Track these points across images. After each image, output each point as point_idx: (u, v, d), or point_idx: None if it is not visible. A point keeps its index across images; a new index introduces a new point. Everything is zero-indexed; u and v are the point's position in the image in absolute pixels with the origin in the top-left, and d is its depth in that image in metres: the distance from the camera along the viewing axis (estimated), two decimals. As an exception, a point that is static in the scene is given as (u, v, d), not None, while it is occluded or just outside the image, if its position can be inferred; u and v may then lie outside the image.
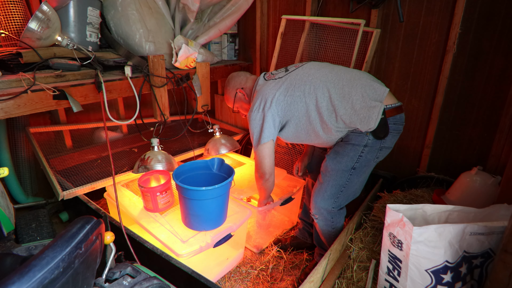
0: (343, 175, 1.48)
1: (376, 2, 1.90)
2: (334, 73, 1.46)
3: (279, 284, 1.74)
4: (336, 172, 1.49)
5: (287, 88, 1.47)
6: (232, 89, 1.74)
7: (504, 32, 1.64)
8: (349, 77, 1.43)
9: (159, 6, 2.17)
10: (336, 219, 1.59)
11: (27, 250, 0.96)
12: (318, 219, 1.60)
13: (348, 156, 1.45)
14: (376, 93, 1.39)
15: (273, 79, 1.55)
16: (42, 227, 1.52)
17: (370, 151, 1.44)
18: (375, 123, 1.35)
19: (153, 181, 1.78)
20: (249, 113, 1.54)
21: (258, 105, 1.50)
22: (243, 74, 1.76)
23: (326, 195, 1.53)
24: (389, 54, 2.02)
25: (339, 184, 1.50)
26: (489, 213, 1.24)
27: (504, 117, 1.70)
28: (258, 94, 1.53)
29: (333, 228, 1.61)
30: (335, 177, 1.49)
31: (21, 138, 2.15)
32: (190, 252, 1.42)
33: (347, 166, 1.47)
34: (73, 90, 1.60)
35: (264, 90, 1.51)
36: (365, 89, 1.38)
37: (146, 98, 2.49)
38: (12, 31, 1.76)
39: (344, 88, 1.40)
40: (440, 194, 1.80)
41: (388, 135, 1.42)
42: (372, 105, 1.35)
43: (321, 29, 2.19)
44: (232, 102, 1.76)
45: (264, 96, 1.49)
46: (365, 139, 1.41)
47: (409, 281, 1.17)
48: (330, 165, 1.50)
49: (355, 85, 1.40)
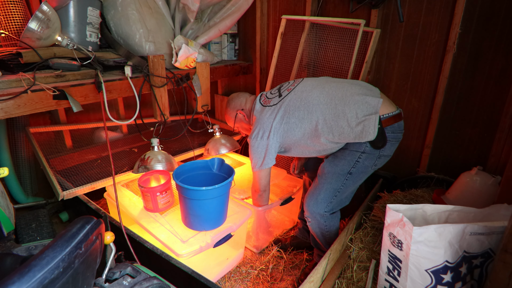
0: (339, 179, 1.49)
1: (376, 2, 1.90)
2: (325, 93, 1.46)
3: (279, 284, 1.74)
4: (332, 175, 1.49)
5: (282, 116, 1.52)
6: (232, 110, 1.82)
7: (504, 32, 1.64)
8: (340, 95, 1.43)
9: (159, 6, 2.17)
10: (329, 223, 1.59)
11: (27, 250, 0.96)
12: (311, 222, 1.61)
13: (345, 160, 1.46)
14: (370, 107, 1.38)
15: (269, 105, 1.59)
16: (42, 227, 1.52)
17: (368, 158, 1.45)
18: (373, 134, 1.35)
19: (153, 181, 1.78)
20: (249, 139, 1.61)
21: (257, 134, 1.57)
22: (243, 96, 1.82)
23: (320, 199, 1.53)
24: (389, 54, 2.02)
25: (333, 188, 1.51)
26: (489, 213, 1.24)
27: (504, 117, 1.70)
28: (256, 123, 1.60)
29: (327, 231, 1.61)
30: (331, 180, 1.50)
31: (21, 138, 2.15)
32: (190, 252, 1.42)
33: (343, 170, 1.47)
34: (73, 90, 1.60)
35: (261, 120, 1.58)
36: (358, 106, 1.38)
37: (146, 98, 2.49)
38: (12, 31, 1.76)
39: (337, 107, 1.41)
40: (440, 194, 1.80)
41: (386, 144, 1.42)
42: (367, 119, 1.36)
43: (321, 29, 2.19)
44: (233, 123, 1.85)
45: (263, 126, 1.56)
46: (362, 146, 1.43)
47: (409, 281, 1.17)
48: (327, 167, 1.51)
49: (348, 102, 1.40)
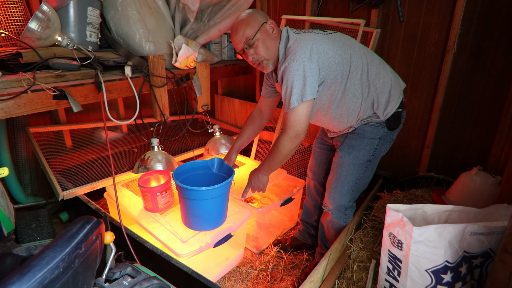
0: (360, 169, 1.52)
1: (376, 2, 1.90)
2: (367, 50, 1.47)
3: (279, 284, 1.74)
4: (353, 166, 1.51)
5: (337, 46, 1.32)
6: (260, 17, 1.38)
7: (504, 32, 1.65)
8: (379, 59, 1.48)
9: (159, 6, 2.17)
10: (349, 213, 1.63)
11: (27, 250, 0.96)
12: (334, 214, 1.61)
13: (365, 150, 1.48)
14: (399, 83, 1.48)
15: (313, 32, 1.36)
16: (42, 227, 1.51)
17: (384, 143, 1.50)
18: (392, 109, 1.42)
19: (153, 181, 1.78)
20: (291, 62, 1.27)
21: (304, 54, 1.26)
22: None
23: (344, 190, 1.55)
24: (389, 54, 2.02)
25: (355, 177, 1.53)
26: (489, 213, 1.24)
27: (504, 117, 1.70)
28: (302, 43, 1.29)
29: (345, 222, 1.63)
30: (353, 171, 1.52)
31: (21, 138, 2.15)
32: (190, 252, 1.42)
33: (364, 159, 1.50)
34: (73, 90, 1.60)
35: (310, 40, 1.29)
36: (393, 75, 1.47)
37: (146, 98, 2.49)
38: (12, 31, 1.76)
39: (378, 67, 1.43)
40: (440, 194, 1.80)
41: (398, 127, 1.49)
42: (395, 93, 1.43)
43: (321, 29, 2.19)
44: (255, 31, 1.36)
45: (311, 45, 1.27)
46: (380, 132, 1.46)
47: (409, 281, 1.17)
48: (347, 160, 1.51)
49: (386, 68, 1.46)
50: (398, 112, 1.45)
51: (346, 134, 1.52)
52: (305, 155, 2.37)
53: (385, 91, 1.42)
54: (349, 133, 1.51)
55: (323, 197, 1.67)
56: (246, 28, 1.36)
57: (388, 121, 1.44)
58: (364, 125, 1.46)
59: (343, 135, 1.53)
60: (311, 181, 1.87)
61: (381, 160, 1.56)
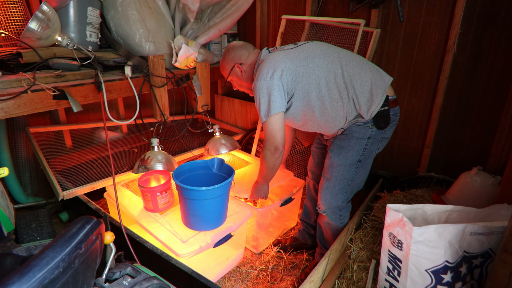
0: (350, 169, 1.51)
1: (376, 2, 1.90)
2: (344, 52, 1.47)
3: (279, 284, 1.74)
4: (343, 167, 1.50)
5: (300, 59, 1.41)
6: (230, 61, 1.61)
7: (504, 32, 1.65)
8: (358, 60, 1.45)
9: (159, 6, 2.17)
10: (344, 214, 1.62)
11: (27, 250, 0.96)
12: (328, 216, 1.61)
13: (354, 150, 1.47)
14: (383, 79, 1.42)
15: (282, 50, 1.48)
16: (42, 227, 1.51)
17: (373, 143, 1.47)
18: (376, 107, 1.38)
19: (153, 181, 1.78)
20: (256, 82, 1.42)
21: (266, 74, 1.39)
22: (246, 48, 1.60)
23: (335, 191, 1.55)
24: (389, 54, 2.02)
25: (347, 178, 1.52)
26: (489, 213, 1.24)
27: (504, 117, 1.70)
28: (265, 63, 1.42)
29: (341, 223, 1.62)
30: (343, 172, 1.51)
31: (21, 138, 2.15)
32: (190, 252, 1.42)
33: (353, 160, 1.49)
34: (73, 90, 1.60)
35: (273, 59, 1.41)
36: (373, 74, 1.42)
37: (146, 98, 2.49)
38: (12, 31, 1.76)
39: (354, 68, 1.41)
40: (440, 194, 1.80)
41: (388, 125, 1.45)
42: (377, 91, 1.39)
43: (321, 29, 2.19)
44: (227, 74, 1.65)
45: (273, 64, 1.39)
46: (368, 131, 1.44)
47: (409, 281, 1.17)
48: (336, 160, 1.51)
49: (364, 68, 1.42)
50: (385, 110, 1.40)
51: (336, 135, 1.52)
52: (305, 155, 2.37)
53: (364, 91, 1.38)
54: (338, 134, 1.51)
55: None
56: (222, 70, 1.68)
57: (376, 120, 1.41)
58: (352, 125, 1.45)
59: (334, 136, 1.54)
60: (310, 181, 1.88)
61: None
